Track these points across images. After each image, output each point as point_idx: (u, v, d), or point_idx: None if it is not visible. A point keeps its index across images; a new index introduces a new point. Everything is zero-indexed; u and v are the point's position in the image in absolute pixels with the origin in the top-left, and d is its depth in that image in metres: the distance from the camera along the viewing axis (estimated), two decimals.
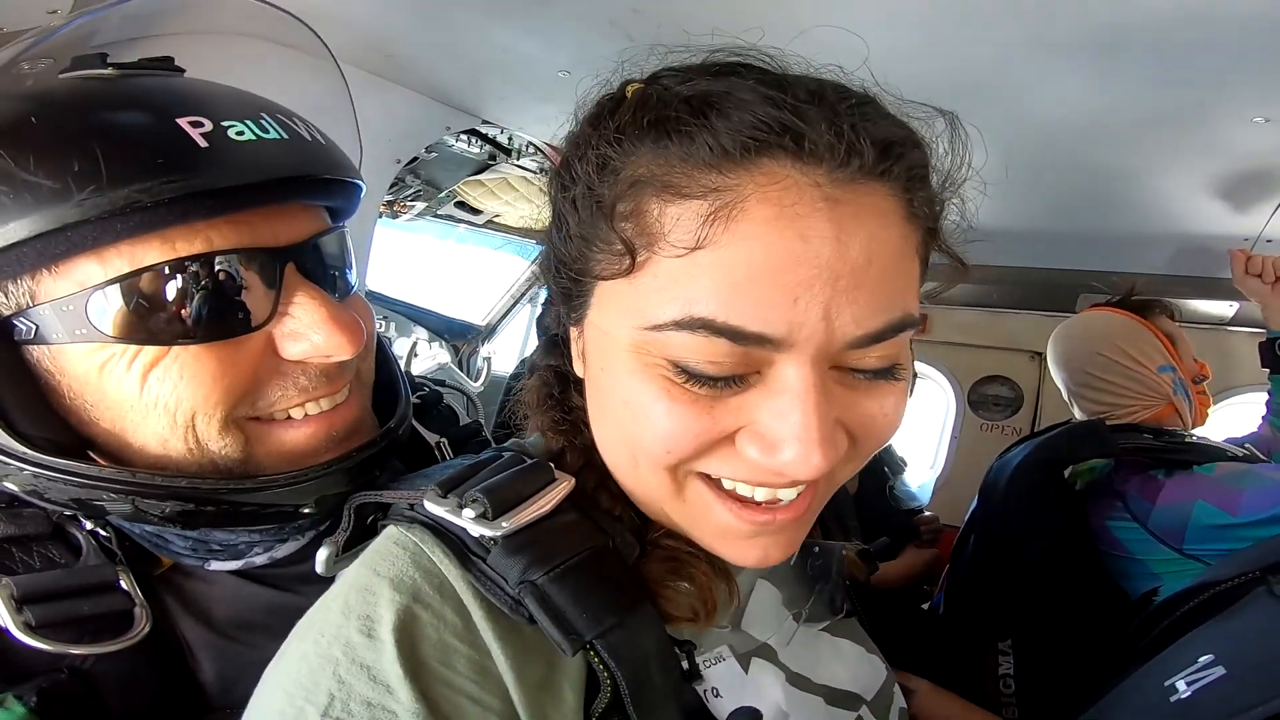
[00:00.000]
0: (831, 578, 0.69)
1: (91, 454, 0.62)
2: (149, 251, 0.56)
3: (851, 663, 0.67)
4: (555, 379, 0.62)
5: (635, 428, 0.49)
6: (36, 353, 0.59)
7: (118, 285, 0.56)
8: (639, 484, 0.53)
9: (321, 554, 0.57)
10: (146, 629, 0.61)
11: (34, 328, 0.57)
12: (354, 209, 0.74)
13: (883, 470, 2.11)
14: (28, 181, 0.53)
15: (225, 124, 0.58)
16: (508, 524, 0.49)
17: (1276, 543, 0.97)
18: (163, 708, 0.63)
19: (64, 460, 0.58)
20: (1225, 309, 2.33)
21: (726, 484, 0.50)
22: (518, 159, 2.30)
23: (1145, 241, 2.01)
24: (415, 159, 2.08)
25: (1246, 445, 1.55)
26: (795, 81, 0.48)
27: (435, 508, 0.51)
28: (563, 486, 0.54)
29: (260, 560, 0.71)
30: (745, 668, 0.57)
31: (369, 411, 0.72)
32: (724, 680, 0.56)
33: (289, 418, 0.65)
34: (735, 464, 0.49)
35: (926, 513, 2.15)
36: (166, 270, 0.56)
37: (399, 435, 0.73)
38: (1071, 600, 1.39)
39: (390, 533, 0.53)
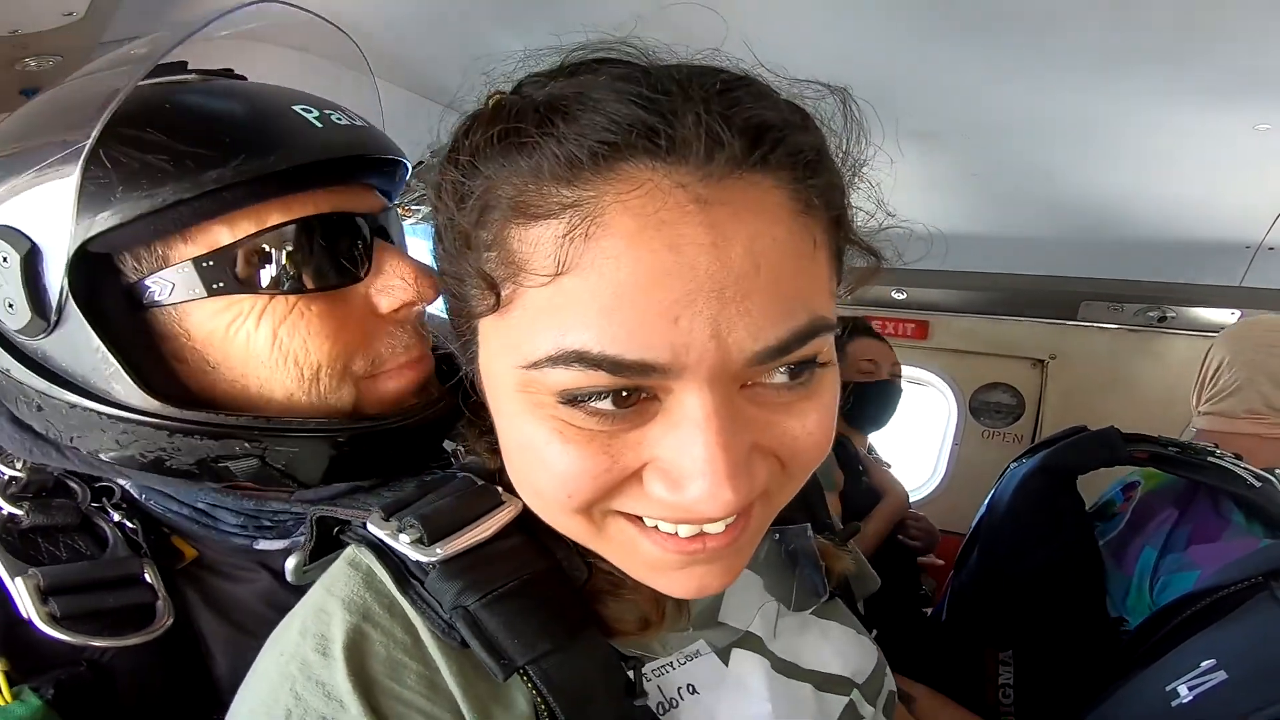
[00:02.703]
0: (808, 559, 0.67)
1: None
2: (270, 214, 0.63)
3: (841, 646, 0.66)
4: (484, 409, 0.60)
5: (533, 473, 0.46)
6: (164, 315, 0.63)
7: (248, 244, 0.62)
8: (557, 524, 0.50)
9: (290, 563, 0.58)
10: (169, 623, 0.63)
11: (171, 286, 0.62)
12: (398, 191, 0.81)
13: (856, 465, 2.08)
14: (182, 153, 0.59)
15: (327, 111, 0.66)
16: (443, 549, 0.49)
17: (1279, 549, 0.97)
18: (175, 702, 0.64)
19: (202, 413, 0.63)
20: (1227, 317, 2.33)
21: (648, 521, 0.46)
22: None
23: (1147, 248, 2.02)
24: (420, 163, 2.09)
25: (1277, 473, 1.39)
26: (658, 72, 0.43)
27: (377, 530, 0.52)
28: (507, 511, 0.52)
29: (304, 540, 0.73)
30: (725, 660, 0.56)
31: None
32: (701, 676, 0.54)
33: (383, 372, 0.70)
34: (647, 502, 0.44)
35: (913, 511, 2.14)
36: (287, 230, 0.63)
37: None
38: (1074, 613, 1.37)
39: (347, 553, 0.54)
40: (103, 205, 0.57)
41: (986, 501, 1.62)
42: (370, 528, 0.52)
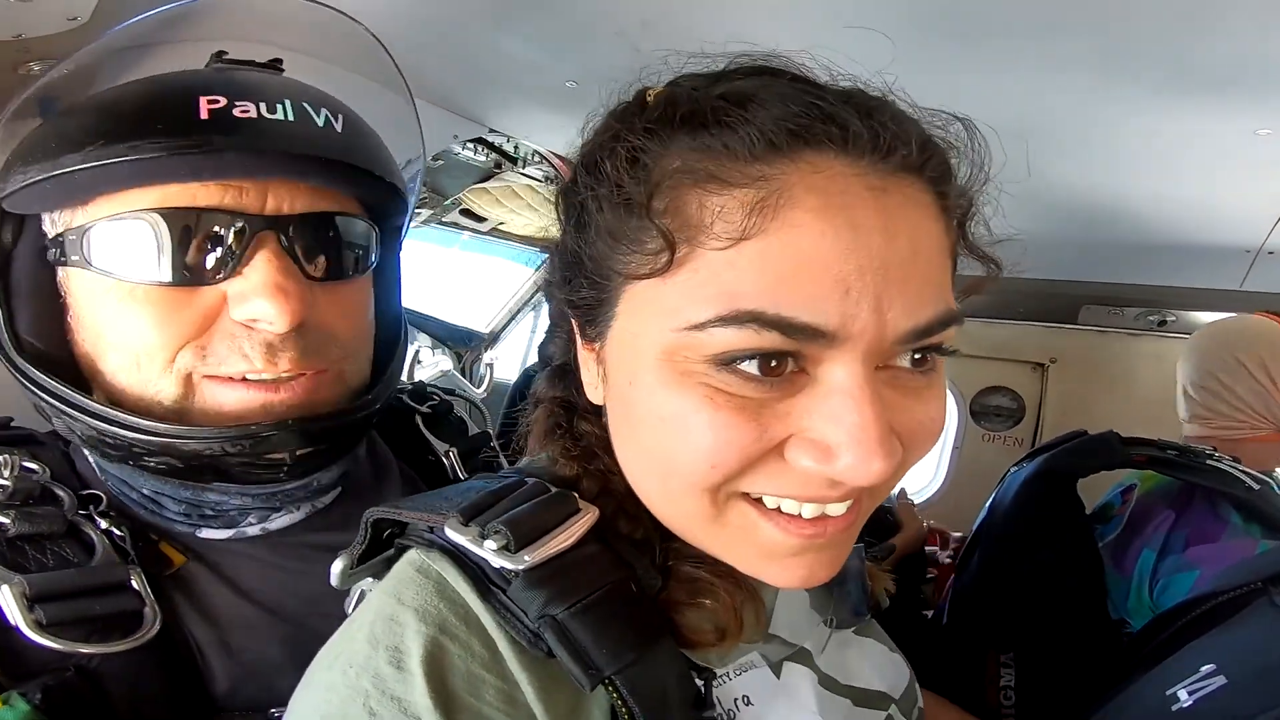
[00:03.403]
0: (852, 579, 0.68)
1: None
2: (144, 198, 0.64)
3: (878, 662, 0.67)
4: (562, 409, 0.61)
5: (672, 445, 0.47)
6: (60, 274, 0.69)
7: (111, 222, 0.65)
8: (672, 509, 0.51)
9: (336, 566, 0.57)
10: (156, 629, 0.63)
11: (60, 249, 0.67)
12: (391, 210, 0.78)
13: None
14: (68, 132, 0.65)
15: (238, 103, 0.65)
16: (530, 557, 0.47)
17: (1278, 554, 0.97)
18: (170, 707, 0.63)
19: (34, 370, 0.67)
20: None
21: (770, 501, 0.48)
22: (523, 167, 2.31)
23: (1148, 252, 2.02)
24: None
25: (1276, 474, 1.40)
26: (823, 84, 0.49)
27: (457, 536, 0.49)
28: (586, 519, 0.51)
29: (253, 531, 0.73)
30: (777, 673, 0.57)
31: (327, 404, 0.72)
32: (755, 688, 0.55)
33: (230, 379, 0.68)
34: (783, 479, 0.46)
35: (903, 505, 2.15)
36: (145, 216, 0.64)
37: (353, 418, 0.73)
38: (1075, 616, 1.38)
39: (412, 558, 0.52)
40: (10, 172, 0.66)
41: (987, 505, 1.62)
42: (449, 533, 0.50)
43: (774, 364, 0.44)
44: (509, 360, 3.13)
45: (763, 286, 0.42)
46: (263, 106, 0.65)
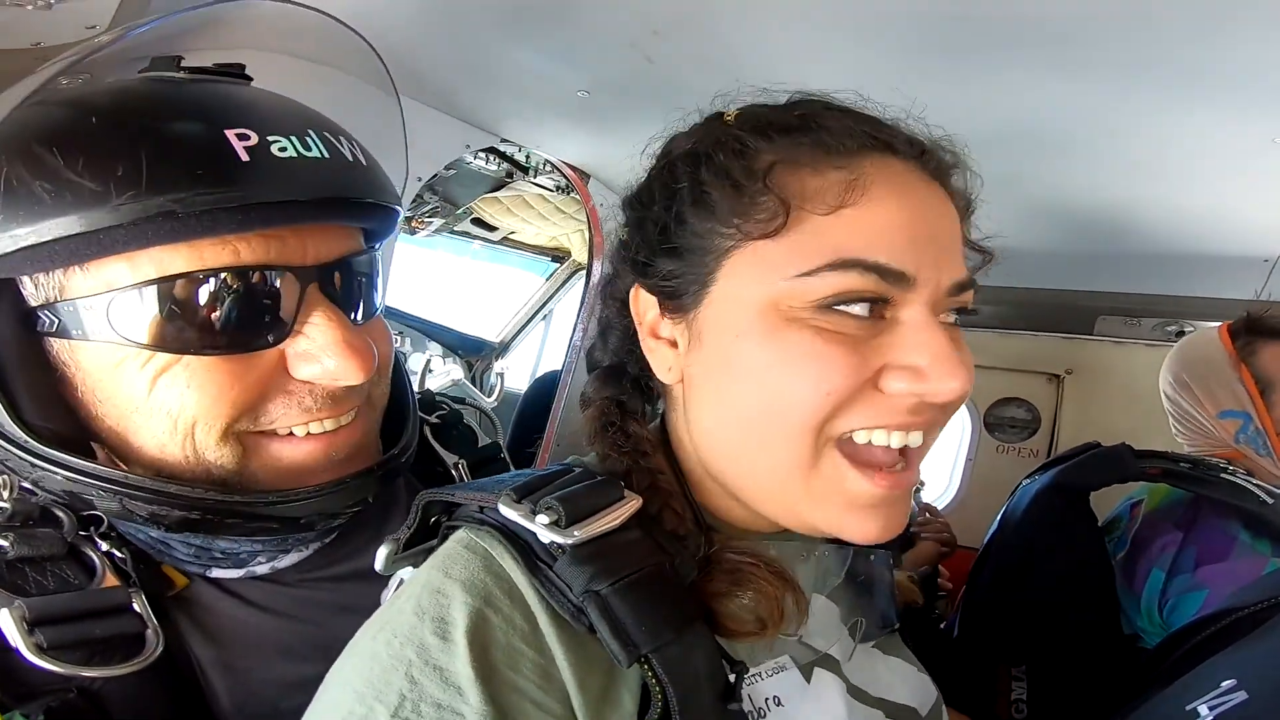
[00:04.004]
0: (884, 588, 0.71)
1: (96, 447, 0.63)
2: (176, 259, 0.58)
3: (905, 678, 0.70)
4: (614, 408, 0.66)
5: (782, 384, 0.54)
6: (57, 345, 0.61)
7: (140, 290, 0.58)
8: (767, 461, 0.57)
9: (382, 551, 0.58)
10: (158, 652, 0.61)
11: (58, 321, 0.59)
12: (390, 232, 0.75)
13: None
14: (70, 181, 0.55)
15: (271, 139, 0.59)
16: (579, 533, 0.51)
17: None
18: None
19: (61, 454, 0.60)
20: None
21: (861, 437, 0.55)
22: (534, 177, 2.33)
23: (1164, 262, 2.00)
24: (434, 176, 2.11)
25: None
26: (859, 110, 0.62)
27: (509, 511, 0.53)
28: (631, 504, 0.56)
29: (262, 570, 0.71)
30: (808, 678, 0.59)
31: (374, 435, 0.73)
32: (785, 689, 0.58)
33: (290, 434, 0.65)
34: (879, 407, 0.54)
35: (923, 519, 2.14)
36: (190, 281, 0.58)
37: (401, 462, 0.74)
38: (1087, 629, 1.36)
39: (460, 536, 0.55)
40: None
41: (999, 518, 1.61)
42: (502, 508, 0.54)
43: (873, 306, 0.54)
44: (519, 369, 3.14)
45: (860, 242, 0.53)
46: (296, 142, 0.61)
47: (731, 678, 0.51)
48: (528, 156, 2.20)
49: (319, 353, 0.63)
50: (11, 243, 0.55)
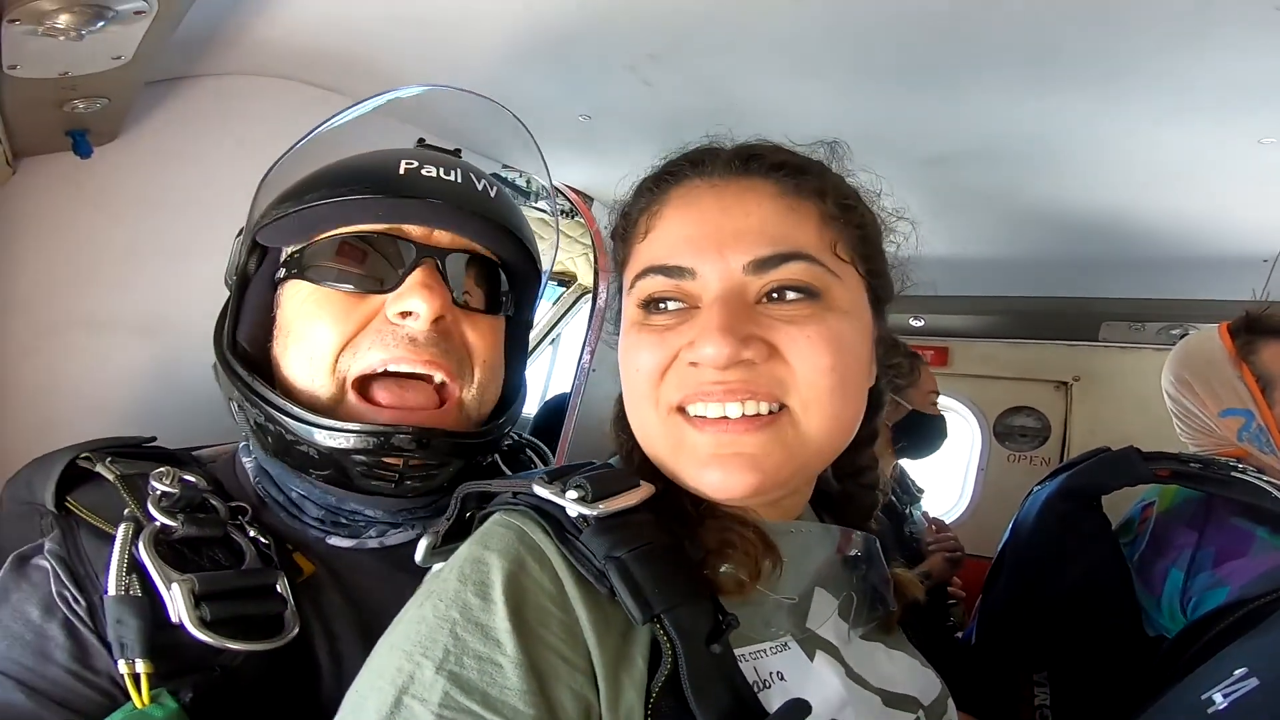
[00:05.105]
0: (876, 569, 0.75)
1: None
2: (341, 229, 0.82)
3: (906, 669, 0.74)
4: (619, 408, 0.75)
5: (631, 374, 0.67)
6: (279, 292, 0.85)
7: (320, 242, 0.82)
8: (645, 434, 0.68)
9: (423, 542, 0.65)
10: (295, 631, 0.69)
11: (285, 269, 0.84)
12: (527, 274, 0.95)
13: (898, 507, 2.10)
14: (317, 182, 0.83)
15: (426, 167, 0.84)
16: (603, 506, 0.59)
17: None
18: (289, 713, 0.68)
19: (233, 360, 0.81)
20: None
21: (692, 410, 0.64)
22: (535, 201, 2.36)
23: (1165, 266, 2.02)
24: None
25: None
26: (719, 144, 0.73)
27: (542, 490, 0.61)
28: (645, 489, 0.64)
29: (372, 543, 0.82)
30: (810, 657, 0.64)
31: (454, 427, 0.84)
32: (789, 666, 0.62)
33: (374, 399, 0.80)
34: (684, 380, 0.64)
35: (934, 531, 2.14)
36: (326, 241, 0.82)
37: (468, 443, 0.84)
38: (1107, 631, 1.35)
39: (496, 518, 0.63)
40: (263, 217, 0.84)
41: (1011, 525, 1.61)
42: (535, 488, 0.62)
43: (668, 305, 0.66)
44: (528, 395, 3.15)
45: (655, 253, 0.67)
46: (442, 170, 0.84)
47: (723, 623, 0.57)
48: (528, 181, 2.24)
49: (405, 293, 0.79)
50: (275, 213, 0.83)
